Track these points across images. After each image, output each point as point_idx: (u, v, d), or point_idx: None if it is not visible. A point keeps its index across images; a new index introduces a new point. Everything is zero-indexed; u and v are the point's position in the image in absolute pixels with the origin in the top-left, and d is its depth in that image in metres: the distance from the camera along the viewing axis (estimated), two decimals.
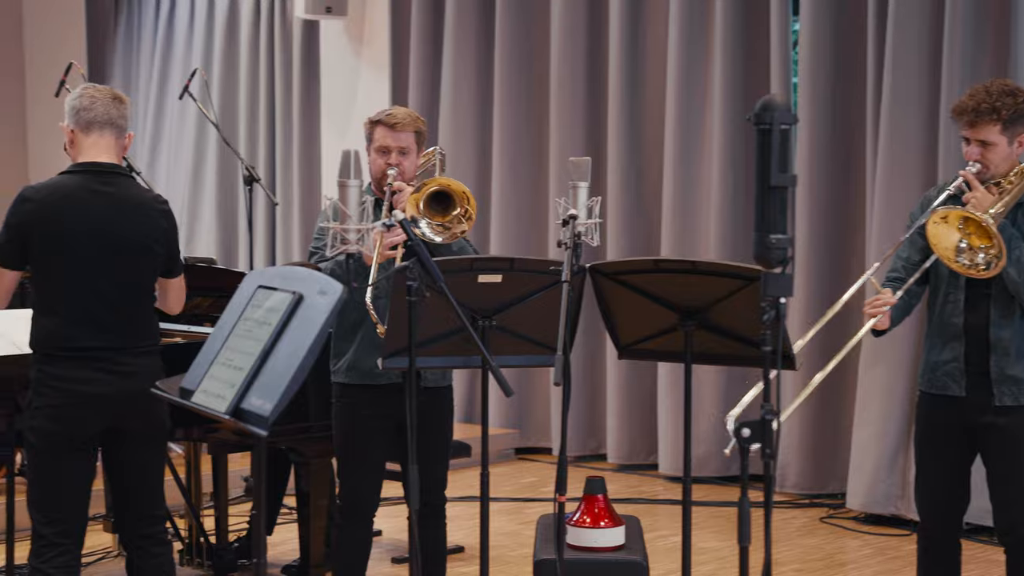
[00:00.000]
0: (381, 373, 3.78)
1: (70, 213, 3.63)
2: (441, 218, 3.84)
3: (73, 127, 3.74)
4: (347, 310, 3.89)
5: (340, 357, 4.08)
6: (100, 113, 3.72)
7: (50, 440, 3.62)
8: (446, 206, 3.85)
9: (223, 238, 9.19)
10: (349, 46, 8.33)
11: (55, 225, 3.62)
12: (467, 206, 3.83)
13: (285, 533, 5.53)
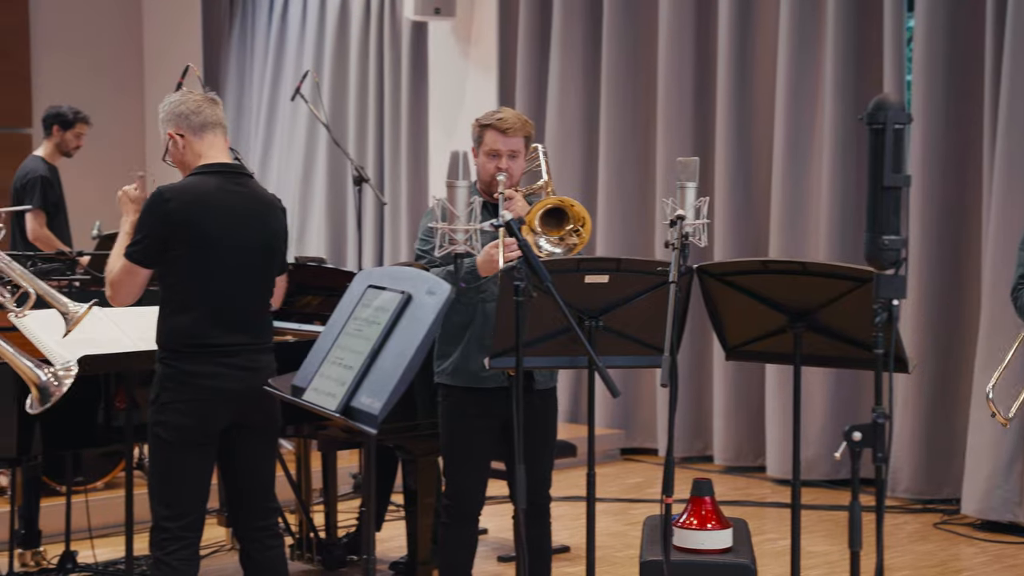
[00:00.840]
0: (487, 376, 3.80)
1: (206, 213, 3.70)
2: (555, 232, 3.87)
3: (183, 131, 3.78)
4: (452, 312, 3.93)
5: (445, 359, 4.10)
6: (209, 115, 3.79)
7: (181, 434, 3.69)
8: (559, 220, 3.88)
9: (332, 238, 9.32)
10: (457, 47, 8.38)
11: (194, 224, 3.68)
12: (580, 226, 3.85)
13: (393, 530, 5.59)
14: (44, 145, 7.16)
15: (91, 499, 5.43)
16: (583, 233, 3.86)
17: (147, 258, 3.70)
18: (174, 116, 3.78)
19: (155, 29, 10.33)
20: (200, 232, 3.68)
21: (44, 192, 6.96)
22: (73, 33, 9.93)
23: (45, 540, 5.31)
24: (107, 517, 5.47)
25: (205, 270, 3.71)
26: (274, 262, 3.87)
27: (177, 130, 3.77)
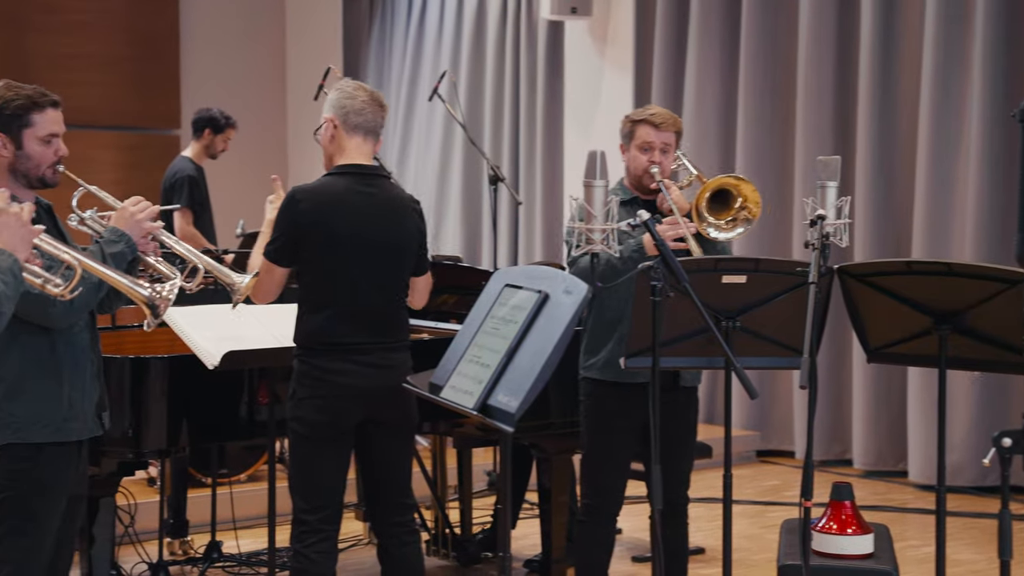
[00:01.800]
0: (637, 372, 3.79)
1: (338, 214, 3.77)
2: (724, 215, 3.90)
3: (339, 124, 3.84)
4: (604, 308, 3.96)
5: (595, 354, 4.10)
6: (369, 120, 3.84)
7: (314, 429, 3.77)
8: (725, 202, 3.90)
9: (468, 236, 9.40)
10: (593, 46, 8.37)
11: (324, 225, 3.76)
12: (748, 202, 3.88)
13: (526, 528, 5.62)
14: (192, 146, 7.36)
15: (235, 491, 5.58)
16: (752, 208, 3.87)
17: (282, 257, 3.79)
18: (338, 106, 3.84)
19: (297, 32, 10.54)
20: (330, 232, 3.75)
21: (191, 191, 7.16)
22: (220, 38, 10.20)
23: (192, 530, 5.47)
24: (250, 509, 5.61)
25: (336, 270, 3.78)
26: (406, 262, 3.91)
27: (334, 119, 3.84)
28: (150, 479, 6.03)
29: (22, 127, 3.28)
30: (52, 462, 3.30)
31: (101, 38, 9.61)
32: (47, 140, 3.30)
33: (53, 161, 3.32)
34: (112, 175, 9.32)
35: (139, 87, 9.79)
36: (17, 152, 3.29)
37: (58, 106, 3.34)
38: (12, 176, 3.33)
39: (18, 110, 3.28)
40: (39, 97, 3.30)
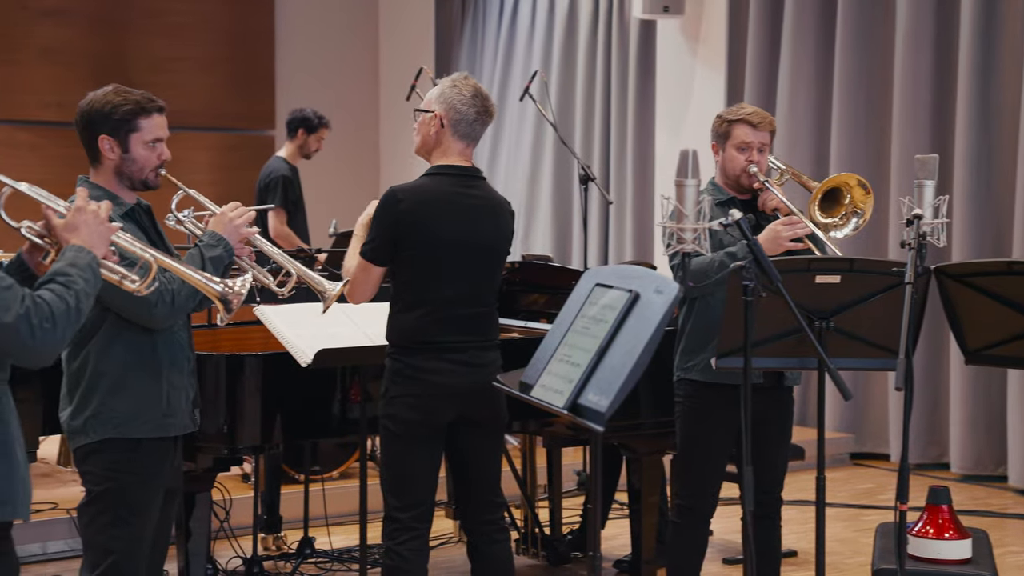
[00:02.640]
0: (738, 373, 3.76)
1: (436, 214, 3.79)
2: (835, 213, 3.89)
3: (447, 124, 3.84)
4: (709, 310, 3.94)
5: (696, 354, 4.08)
6: (476, 130, 3.85)
7: (407, 427, 3.80)
8: (834, 200, 3.89)
9: (557, 236, 9.40)
10: (685, 45, 8.32)
11: (422, 225, 3.78)
12: (859, 202, 3.87)
13: (616, 528, 5.60)
14: (286, 146, 7.46)
15: (327, 488, 5.63)
16: (858, 199, 3.85)
17: (380, 257, 3.81)
18: (451, 107, 3.82)
19: (390, 33, 10.62)
20: (429, 232, 3.77)
21: (285, 191, 7.25)
22: (314, 39, 10.31)
23: (285, 526, 5.54)
24: (342, 506, 5.66)
25: (433, 270, 3.79)
26: (500, 262, 3.93)
27: (443, 117, 3.84)
28: (244, 475, 6.12)
29: (129, 131, 3.36)
30: (150, 456, 3.37)
31: (199, 40, 9.77)
32: (152, 144, 3.38)
33: (156, 165, 3.40)
34: (208, 175, 9.48)
35: (235, 88, 9.94)
36: (123, 155, 3.37)
37: (163, 111, 3.43)
38: (117, 178, 3.41)
39: (126, 115, 3.35)
40: (146, 102, 3.38)
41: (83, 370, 3.34)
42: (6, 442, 2.52)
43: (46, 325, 2.42)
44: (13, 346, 2.42)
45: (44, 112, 8.90)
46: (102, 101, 3.38)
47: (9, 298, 2.39)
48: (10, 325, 2.38)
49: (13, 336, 2.39)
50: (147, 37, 9.54)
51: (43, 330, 2.41)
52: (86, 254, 2.58)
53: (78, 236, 2.60)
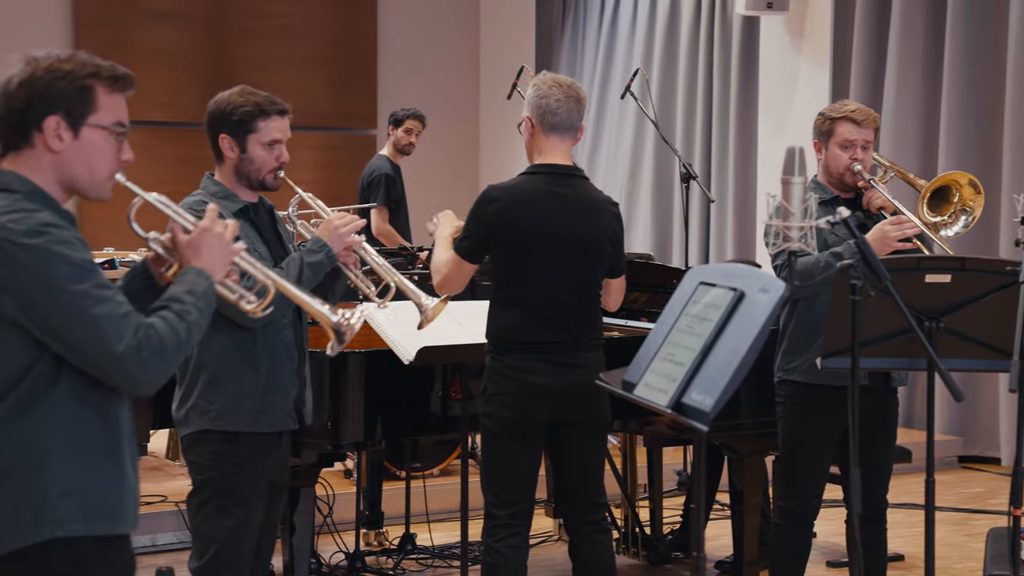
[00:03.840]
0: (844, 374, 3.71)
1: (532, 213, 3.79)
2: (945, 211, 3.83)
3: (535, 123, 3.86)
4: (813, 310, 3.90)
5: (798, 356, 4.03)
6: (564, 119, 3.83)
7: (504, 426, 3.81)
8: (943, 198, 3.83)
9: (658, 234, 9.35)
10: (789, 42, 8.22)
11: (518, 224, 3.78)
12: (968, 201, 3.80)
13: (716, 528, 5.56)
14: (387, 145, 7.53)
15: (428, 484, 5.67)
16: (967, 198, 3.78)
17: (472, 253, 3.83)
18: (535, 106, 3.84)
19: (491, 32, 10.66)
20: (522, 231, 3.78)
21: (387, 189, 7.31)
22: (415, 39, 10.40)
23: (387, 522, 5.59)
24: (443, 502, 5.69)
25: (527, 268, 3.80)
26: (599, 262, 3.90)
27: (531, 118, 3.85)
28: (346, 471, 6.19)
29: (248, 132, 3.42)
30: (248, 449, 3.42)
31: (304, 42, 9.91)
32: (269, 146, 3.43)
33: (274, 167, 3.44)
34: (313, 174, 9.60)
35: (339, 88, 10.06)
36: (241, 155, 3.44)
37: (285, 114, 3.46)
38: (236, 177, 3.49)
39: (246, 116, 3.42)
40: (267, 104, 3.43)
41: (188, 361, 3.41)
42: (117, 450, 2.46)
43: (155, 359, 2.35)
44: (120, 376, 2.36)
45: (156, 113, 9.10)
46: (225, 101, 3.46)
47: (124, 327, 2.33)
48: (120, 355, 2.32)
49: (120, 366, 2.33)
50: (253, 39, 9.69)
51: (151, 363, 2.35)
52: (204, 279, 2.51)
53: (199, 258, 2.54)
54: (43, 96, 2.39)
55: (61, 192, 2.43)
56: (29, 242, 2.29)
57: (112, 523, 2.43)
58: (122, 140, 2.48)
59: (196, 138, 3.26)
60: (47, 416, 2.35)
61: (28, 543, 2.34)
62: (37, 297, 2.30)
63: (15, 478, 2.34)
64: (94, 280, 2.34)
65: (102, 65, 2.46)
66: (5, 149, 2.42)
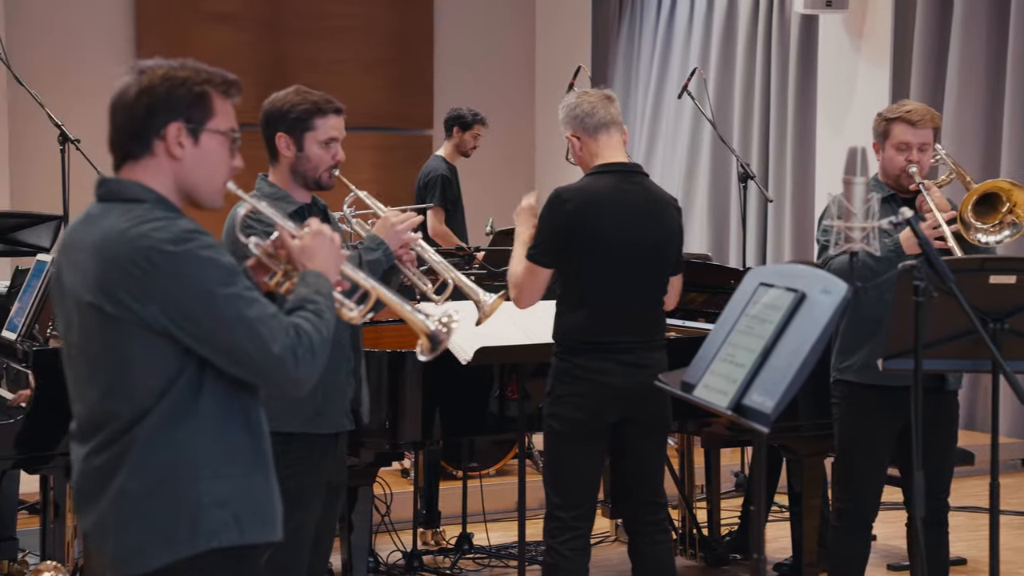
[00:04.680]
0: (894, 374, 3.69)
1: (602, 214, 3.79)
2: (990, 219, 3.77)
3: (579, 134, 3.86)
4: (860, 308, 3.86)
5: (851, 355, 4.00)
6: (604, 115, 3.85)
7: (572, 427, 3.80)
8: (992, 205, 3.77)
9: (715, 235, 9.30)
10: (848, 40, 8.15)
11: (589, 225, 3.78)
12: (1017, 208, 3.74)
13: (775, 530, 5.52)
14: (445, 145, 7.55)
15: (485, 484, 5.68)
16: (1021, 214, 3.72)
17: (547, 259, 3.81)
18: (570, 119, 3.87)
19: (547, 32, 10.66)
20: (595, 232, 3.77)
21: (444, 190, 7.33)
22: (471, 39, 10.41)
23: (443, 521, 5.60)
24: (499, 502, 5.70)
25: (599, 269, 3.79)
26: (666, 261, 3.90)
27: (574, 133, 3.86)
28: (403, 470, 6.21)
29: (304, 130, 3.43)
30: (303, 451, 3.42)
31: (360, 43, 9.96)
32: (326, 144, 3.43)
33: (330, 165, 3.45)
34: (369, 175, 9.64)
35: (395, 89, 10.10)
36: (298, 154, 3.45)
37: (341, 113, 3.47)
38: (292, 176, 3.50)
39: (302, 114, 3.43)
40: (323, 103, 3.44)
41: None
42: (262, 456, 2.45)
43: (308, 356, 2.34)
44: (277, 377, 2.35)
45: None
46: (282, 100, 3.48)
47: (276, 327, 2.31)
48: (278, 356, 2.30)
49: (279, 367, 2.32)
50: (310, 40, 9.75)
51: (305, 361, 2.34)
52: (325, 282, 2.49)
53: (314, 262, 2.51)
54: (164, 103, 2.37)
55: (180, 200, 2.41)
56: (176, 249, 2.27)
57: (264, 530, 2.42)
58: (235, 146, 2.47)
59: (253, 139, 3.27)
60: (195, 425, 2.33)
61: (184, 555, 2.32)
62: (188, 304, 2.28)
63: (167, 490, 2.32)
64: (243, 283, 2.33)
65: (213, 72, 2.45)
66: (123, 159, 2.41)
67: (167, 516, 2.32)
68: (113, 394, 2.33)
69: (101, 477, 2.35)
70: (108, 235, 2.31)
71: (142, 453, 2.31)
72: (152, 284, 2.27)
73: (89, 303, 2.32)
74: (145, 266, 2.27)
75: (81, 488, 2.40)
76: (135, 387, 2.31)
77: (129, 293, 2.28)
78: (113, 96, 2.40)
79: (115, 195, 2.38)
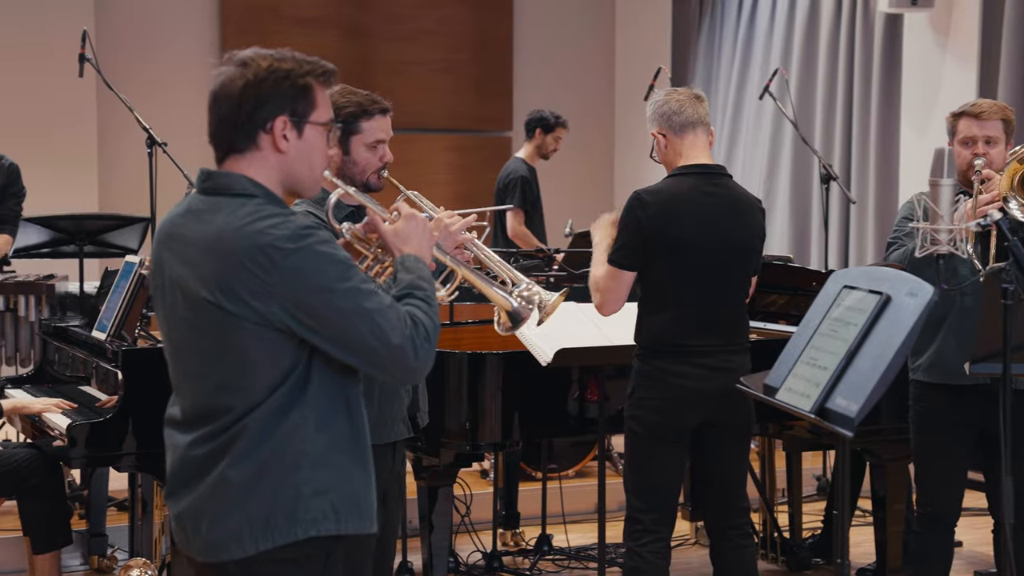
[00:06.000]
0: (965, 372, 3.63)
1: (683, 216, 3.77)
2: None
3: (665, 132, 3.86)
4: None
5: (920, 355, 3.96)
6: (691, 114, 3.83)
7: (652, 430, 3.79)
8: None
9: (795, 236, 9.21)
10: (934, 39, 8.03)
11: (670, 227, 3.76)
12: None
13: (857, 535, 5.46)
14: (525, 147, 7.56)
15: (564, 486, 5.68)
16: None
17: (630, 262, 3.80)
18: (657, 116, 3.86)
19: (626, 33, 10.63)
20: (676, 234, 3.75)
21: (524, 192, 7.34)
22: (551, 41, 10.42)
23: (523, 522, 5.62)
24: (578, 504, 5.70)
25: (680, 271, 3.77)
26: (749, 263, 3.88)
27: (660, 130, 3.85)
28: (483, 471, 6.24)
29: (350, 133, 3.32)
30: None
31: (439, 44, 10.00)
32: (373, 146, 3.31)
33: (378, 167, 3.32)
34: (447, 176, 9.69)
35: (474, 91, 10.13)
36: (344, 157, 3.34)
37: (387, 113, 3.34)
38: (340, 179, 3.48)
39: (347, 117, 3.32)
40: (369, 104, 3.31)
41: None
42: (363, 449, 2.45)
43: (425, 345, 2.35)
44: (397, 367, 2.35)
45: None
46: None
47: (394, 318, 2.32)
48: (399, 346, 2.31)
49: (399, 357, 2.32)
50: (391, 42, 9.82)
51: (423, 350, 2.34)
52: (423, 265, 2.50)
53: (409, 245, 2.52)
54: (271, 97, 2.37)
55: (283, 192, 2.43)
56: (295, 246, 2.28)
57: (361, 522, 2.43)
58: (332, 135, 2.49)
59: None
60: (301, 415, 2.35)
61: (282, 543, 2.34)
62: (309, 300, 2.29)
63: (270, 478, 2.34)
64: (359, 276, 2.34)
65: (313, 61, 2.44)
66: (227, 151, 2.42)
67: (266, 504, 2.34)
68: (227, 389, 2.36)
69: (202, 465, 2.37)
70: (224, 232, 2.33)
71: (248, 444, 2.34)
72: (272, 281, 2.29)
73: (206, 300, 2.34)
74: (265, 264, 2.28)
75: (177, 474, 2.43)
76: (251, 382, 2.34)
77: (249, 291, 2.30)
78: (215, 87, 2.40)
79: (223, 189, 2.39)
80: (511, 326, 2.76)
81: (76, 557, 5.17)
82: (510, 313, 2.74)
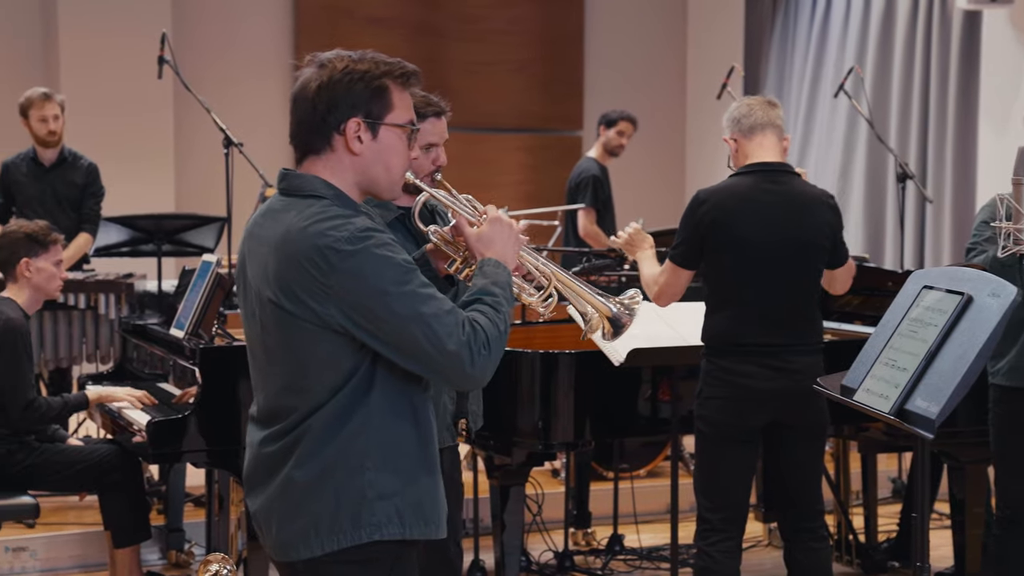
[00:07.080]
0: None
1: (744, 213, 3.77)
2: None
3: (736, 136, 3.88)
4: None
5: (1000, 358, 3.90)
6: (759, 116, 3.85)
7: (717, 430, 3.79)
8: None
9: (870, 235, 9.10)
10: (1014, 36, 7.90)
11: (730, 225, 3.77)
12: None
13: (936, 538, 5.38)
14: (595, 146, 7.56)
15: (636, 486, 5.67)
16: None
17: (687, 259, 3.82)
18: (729, 122, 3.91)
19: (698, 32, 10.58)
20: (733, 232, 3.75)
21: (595, 191, 7.34)
22: (622, 40, 10.39)
23: (594, 522, 5.61)
24: (650, 504, 5.69)
25: (739, 270, 3.76)
26: (815, 259, 3.84)
27: (732, 135, 3.88)
28: (554, 471, 6.24)
29: None
30: None
31: (510, 44, 10.02)
32: (426, 149, 3.25)
33: (431, 170, 3.26)
34: (518, 176, 9.70)
35: (545, 90, 10.13)
36: None
37: (441, 116, 3.29)
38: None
39: None
40: (422, 107, 3.22)
41: None
42: (430, 454, 2.44)
43: (483, 352, 2.30)
44: (452, 373, 2.32)
45: None
46: None
47: (451, 323, 2.29)
48: (454, 353, 2.28)
49: (455, 363, 2.29)
50: (462, 42, 9.85)
51: (480, 357, 2.30)
52: (504, 271, 2.46)
53: (492, 249, 2.49)
54: (344, 99, 2.37)
55: (358, 194, 2.43)
56: (353, 248, 2.28)
57: (426, 527, 2.42)
58: (414, 138, 2.48)
59: None
60: (364, 419, 2.35)
61: (346, 545, 2.35)
62: (366, 302, 2.29)
63: (334, 481, 2.35)
64: (418, 280, 2.32)
65: (392, 63, 2.43)
66: (305, 153, 2.42)
67: (331, 506, 2.35)
68: (290, 389, 2.38)
69: (271, 464, 2.40)
70: (288, 232, 2.34)
71: (312, 445, 2.35)
72: (330, 283, 2.29)
73: (269, 299, 2.36)
74: (323, 265, 2.29)
75: (252, 472, 2.46)
76: (312, 383, 2.35)
77: (307, 291, 2.31)
78: (294, 89, 2.42)
79: (296, 190, 2.41)
80: (613, 333, 2.69)
81: (154, 552, 5.25)
82: (610, 319, 2.67)
